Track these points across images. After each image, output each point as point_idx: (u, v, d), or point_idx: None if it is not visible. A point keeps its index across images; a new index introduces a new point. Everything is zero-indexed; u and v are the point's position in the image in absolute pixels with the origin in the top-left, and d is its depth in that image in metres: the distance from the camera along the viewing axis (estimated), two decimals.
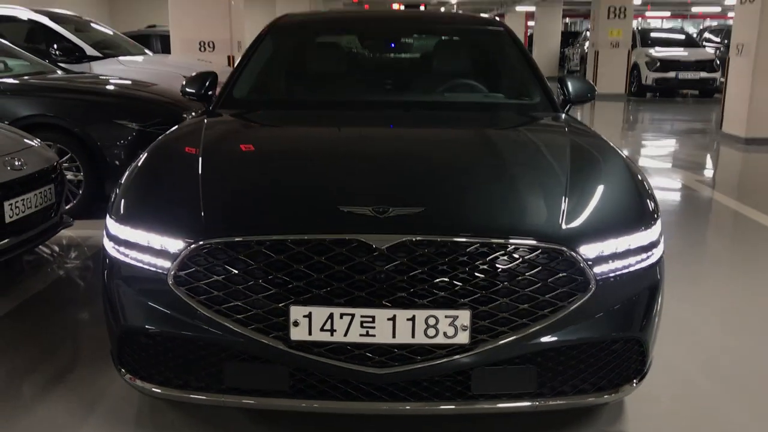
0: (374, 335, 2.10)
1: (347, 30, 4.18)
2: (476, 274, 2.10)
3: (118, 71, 7.52)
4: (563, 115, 3.37)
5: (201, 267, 2.15)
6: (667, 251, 2.50)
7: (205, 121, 3.17)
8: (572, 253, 2.15)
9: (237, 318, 2.13)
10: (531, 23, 29.24)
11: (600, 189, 2.46)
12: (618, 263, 2.25)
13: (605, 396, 2.30)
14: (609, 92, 16.73)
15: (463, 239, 2.11)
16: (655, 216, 2.43)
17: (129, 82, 6.32)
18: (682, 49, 17.33)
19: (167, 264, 2.18)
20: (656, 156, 9.24)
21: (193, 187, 2.37)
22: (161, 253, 2.20)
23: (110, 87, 6.10)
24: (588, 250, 2.19)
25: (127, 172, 2.61)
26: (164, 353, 2.25)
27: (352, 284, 2.09)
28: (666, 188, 6.97)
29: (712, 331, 3.49)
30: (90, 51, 7.82)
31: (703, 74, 16.44)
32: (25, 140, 4.17)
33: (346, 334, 2.10)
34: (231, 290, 2.13)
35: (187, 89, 3.64)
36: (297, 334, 2.10)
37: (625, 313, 2.27)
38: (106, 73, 7.43)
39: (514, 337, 2.13)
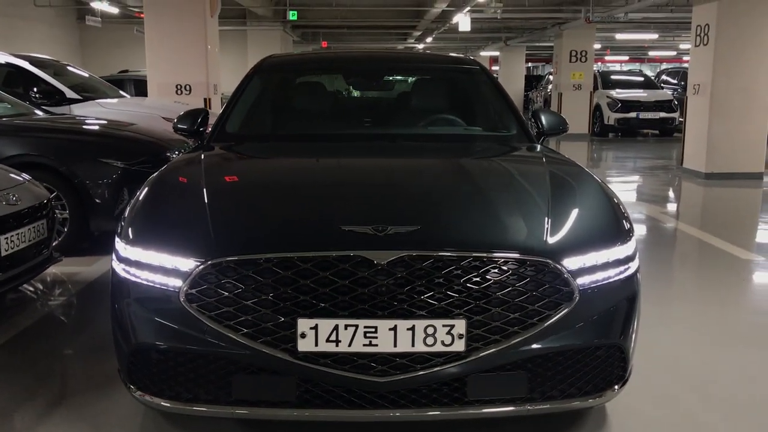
0: (377, 345, 2.24)
1: (329, 69, 4.40)
2: (469, 285, 2.27)
3: (99, 113, 7.64)
4: (539, 146, 3.60)
5: (212, 284, 2.28)
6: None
7: (202, 153, 3.32)
8: (556, 265, 2.34)
9: (246, 332, 2.26)
10: (495, 67, 30.06)
11: (579, 209, 2.67)
12: (599, 275, 2.44)
13: (590, 400, 2.47)
14: (573, 132, 17.18)
15: (457, 253, 2.28)
16: (630, 233, 2.63)
17: (107, 122, 6.45)
18: (641, 90, 18.01)
19: (179, 282, 2.31)
20: (622, 191, 9.58)
21: (200, 211, 2.52)
22: (172, 272, 2.33)
23: (94, 127, 6.22)
24: (571, 263, 2.38)
25: (132, 201, 2.75)
26: (174, 368, 2.36)
27: (356, 297, 2.24)
28: (633, 220, 7.24)
29: (679, 344, 3.69)
30: (70, 94, 7.94)
31: (663, 114, 17.07)
32: (16, 177, 4.26)
33: (350, 345, 2.24)
34: (240, 306, 2.26)
35: (179, 125, 3.79)
36: (304, 345, 2.24)
37: (606, 322, 2.45)
38: (87, 114, 7.55)
39: (505, 345, 2.29)
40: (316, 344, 2.24)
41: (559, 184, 2.86)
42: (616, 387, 2.52)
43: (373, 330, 2.24)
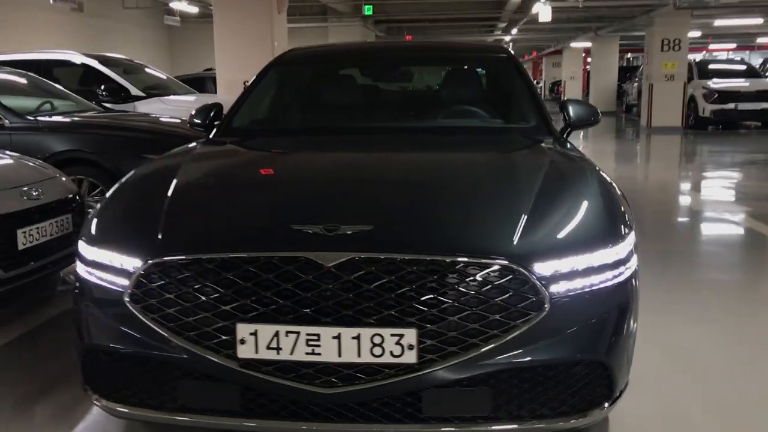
0: (320, 354, 2.08)
1: (345, 61, 4.24)
2: (422, 291, 2.07)
3: (160, 110, 7.82)
4: (555, 139, 3.32)
5: (155, 285, 2.18)
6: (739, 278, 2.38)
7: (196, 147, 3.25)
8: (523, 270, 2.10)
9: (188, 336, 2.15)
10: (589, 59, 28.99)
11: (566, 208, 2.40)
12: (578, 281, 2.18)
13: (571, 421, 2.21)
14: (664, 125, 16.38)
15: (409, 256, 2.08)
16: (623, 234, 2.35)
17: (156, 119, 6.56)
18: (742, 79, 16.83)
19: (125, 282, 2.23)
20: (716, 187, 8.93)
21: (159, 208, 2.42)
22: (120, 272, 2.25)
23: (141, 124, 6.34)
24: (543, 268, 2.13)
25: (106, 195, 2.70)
26: (122, 371, 2.29)
27: (299, 302, 2.09)
28: (727, 224, 6.66)
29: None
30: (135, 91, 8.16)
31: (765, 105, 15.89)
32: (46, 171, 4.35)
33: (292, 353, 2.09)
34: (182, 308, 2.15)
35: (194, 120, 3.75)
36: (244, 352, 2.11)
37: (586, 335, 2.19)
38: (149, 111, 7.74)
39: (464, 358, 2.08)
40: (257, 351, 2.10)
41: (553, 181, 2.59)
42: (605, 405, 2.25)
43: (316, 338, 2.08)
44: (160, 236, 2.27)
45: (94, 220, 2.50)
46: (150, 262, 2.18)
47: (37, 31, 13.74)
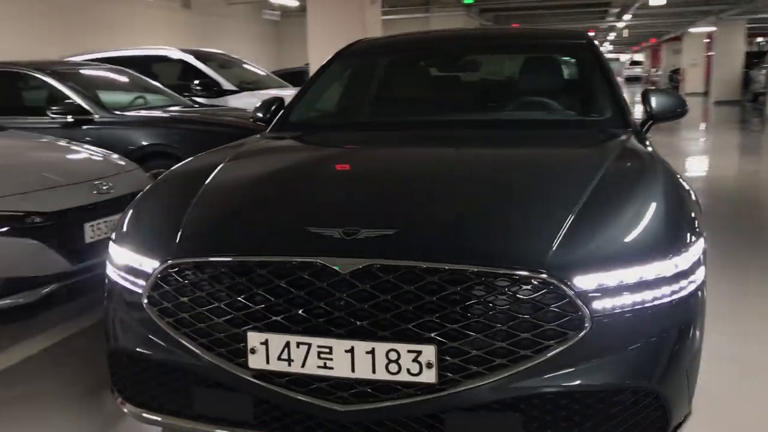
0: (332, 368, 1.93)
1: (413, 52, 4.04)
2: (444, 305, 1.87)
3: (251, 104, 7.88)
4: (631, 132, 2.99)
5: (171, 287, 2.10)
6: None
7: (243, 143, 3.16)
8: (560, 284, 1.85)
9: (201, 342, 2.05)
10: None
11: (620, 212, 2.12)
12: (627, 298, 1.91)
13: None
14: None
15: (430, 264, 1.89)
16: (688, 243, 2.05)
17: (241, 113, 6.60)
18: None
19: (144, 284, 2.16)
20: None
21: (183, 208, 2.34)
22: (140, 273, 2.18)
23: (225, 118, 6.40)
24: (584, 282, 1.88)
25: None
26: (143, 375, 2.22)
27: (311, 311, 1.94)
28: None
29: None
30: (227, 86, 8.29)
31: None
32: (122, 166, 4.43)
33: (303, 365, 1.95)
34: (196, 313, 2.06)
35: (256, 114, 3.68)
36: (254, 362, 1.98)
37: (635, 359, 1.92)
38: (240, 105, 7.84)
39: (490, 380, 1.87)
40: (268, 362, 1.97)
41: (611, 181, 2.30)
42: None
43: (328, 350, 1.92)
44: (178, 237, 2.18)
45: (124, 219, 2.45)
46: (166, 263, 2.10)
47: (144, 29, 14.34)
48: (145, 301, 2.13)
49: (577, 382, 1.88)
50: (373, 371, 1.90)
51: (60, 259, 3.68)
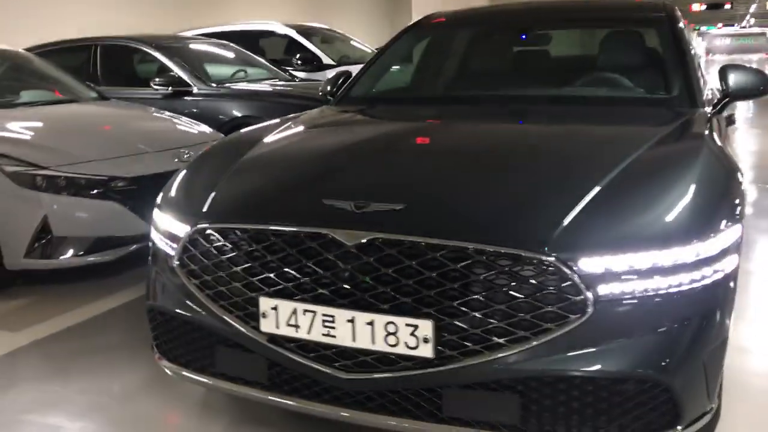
0: (335, 336, 1.98)
1: (486, 27, 3.96)
2: (443, 281, 1.87)
3: None
4: (693, 111, 2.82)
5: (197, 251, 2.21)
6: None
7: (298, 116, 3.24)
8: (563, 266, 1.80)
9: (222, 304, 2.16)
10: None
11: (645, 193, 2.02)
12: (638, 284, 1.84)
13: None
14: None
15: (432, 240, 1.89)
16: (717, 229, 1.93)
17: None
18: None
19: (176, 247, 2.29)
20: None
21: (219, 177, 2.44)
22: (174, 237, 2.31)
23: (315, 92, 6.52)
24: (590, 264, 1.82)
25: None
26: (175, 332, 2.36)
27: (318, 280, 1.99)
28: None
29: None
30: (326, 60, 8.44)
31: None
32: (207, 135, 4.65)
33: (309, 332, 2.01)
34: (218, 277, 2.16)
35: (325, 88, 3.75)
36: (266, 326, 2.07)
37: (642, 348, 1.85)
38: None
39: (487, 358, 1.86)
40: (277, 326, 2.05)
41: (643, 163, 2.18)
42: None
43: (331, 319, 1.97)
44: (207, 204, 2.29)
45: (168, 187, 2.59)
46: (196, 228, 2.21)
47: (261, 3, 14.74)
48: (176, 262, 2.26)
49: (578, 368, 1.83)
50: (373, 342, 1.93)
51: (141, 222, 3.93)
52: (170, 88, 6.13)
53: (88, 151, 4.00)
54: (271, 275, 2.05)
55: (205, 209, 2.27)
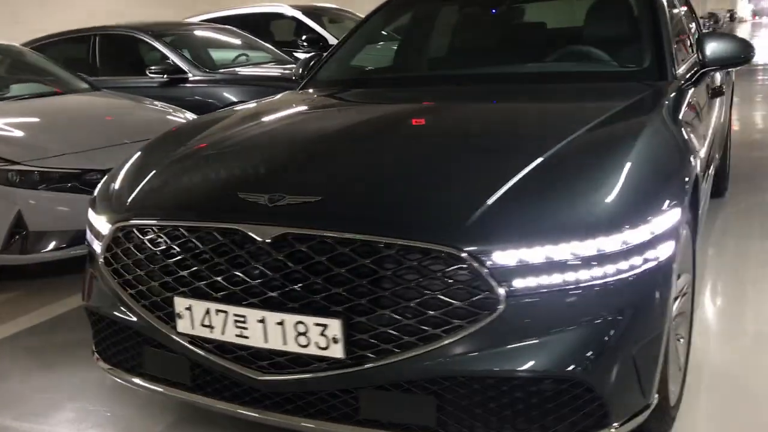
0: (248, 337, 1.90)
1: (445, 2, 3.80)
2: (352, 277, 1.77)
3: None
4: (661, 84, 2.65)
5: (119, 249, 2.15)
6: None
7: (254, 103, 3.15)
8: (473, 260, 1.69)
9: (144, 304, 2.10)
10: None
11: (567, 182, 1.88)
12: (556, 277, 1.71)
13: None
14: None
15: (342, 235, 1.78)
16: (647, 216, 1.79)
17: None
18: None
19: (101, 245, 2.23)
20: None
21: (150, 170, 2.37)
22: (99, 235, 2.25)
23: None
24: (503, 258, 1.70)
25: None
26: (105, 331, 2.31)
27: (229, 278, 1.91)
28: None
29: None
30: (332, 41, 8.31)
31: None
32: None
33: (223, 333, 1.94)
34: (138, 276, 2.10)
35: (299, 71, 3.65)
36: (182, 326, 2.00)
37: (559, 345, 1.72)
38: None
39: (399, 358, 1.76)
40: (192, 327, 1.98)
41: (576, 147, 2.05)
42: None
43: (243, 319, 1.89)
44: (130, 200, 2.22)
45: (102, 183, 2.52)
46: (116, 225, 2.15)
47: None
48: (101, 260, 2.20)
49: (491, 367, 1.72)
50: (284, 343, 1.85)
51: None
52: (165, 75, 6.10)
53: (63, 144, 3.97)
54: (185, 274, 1.98)
55: (127, 205, 2.20)
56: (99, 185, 2.51)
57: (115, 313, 2.20)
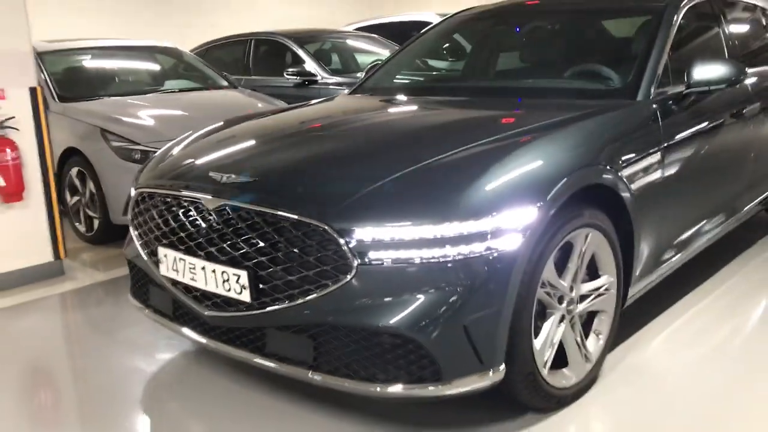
0: (196, 281, 2.50)
1: (485, 22, 4.16)
2: (257, 240, 2.31)
3: None
4: (625, 105, 2.88)
5: (136, 209, 2.86)
6: None
7: (304, 103, 3.77)
8: (336, 234, 2.16)
9: (146, 251, 2.78)
10: None
11: (442, 177, 2.30)
12: (400, 253, 2.14)
13: (380, 388, 2.20)
14: None
15: (253, 207, 2.34)
16: (493, 210, 2.17)
17: None
18: None
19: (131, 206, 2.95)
20: None
21: (175, 150, 3.06)
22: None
23: None
24: (361, 234, 2.15)
25: None
26: (133, 275, 3.03)
27: (189, 235, 2.53)
28: None
29: None
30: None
31: None
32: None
33: (183, 276, 2.56)
34: (144, 229, 2.78)
35: (361, 76, 4.23)
36: (162, 269, 2.65)
37: (396, 307, 2.14)
38: None
39: (285, 305, 2.27)
40: (167, 270, 2.62)
41: (477, 152, 2.42)
42: (432, 386, 2.17)
43: (193, 266, 2.50)
44: (148, 172, 2.92)
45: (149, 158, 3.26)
46: (135, 190, 2.86)
47: None
48: (130, 217, 2.93)
49: (345, 319, 2.18)
50: (216, 287, 2.43)
51: None
52: (299, 78, 6.92)
53: (177, 130, 4.80)
54: (166, 230, 2.63)
55: (146, 176, 2.90)
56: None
57: (135, 259, 2.91)
